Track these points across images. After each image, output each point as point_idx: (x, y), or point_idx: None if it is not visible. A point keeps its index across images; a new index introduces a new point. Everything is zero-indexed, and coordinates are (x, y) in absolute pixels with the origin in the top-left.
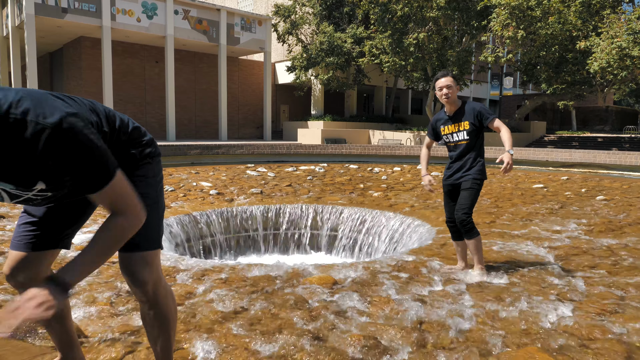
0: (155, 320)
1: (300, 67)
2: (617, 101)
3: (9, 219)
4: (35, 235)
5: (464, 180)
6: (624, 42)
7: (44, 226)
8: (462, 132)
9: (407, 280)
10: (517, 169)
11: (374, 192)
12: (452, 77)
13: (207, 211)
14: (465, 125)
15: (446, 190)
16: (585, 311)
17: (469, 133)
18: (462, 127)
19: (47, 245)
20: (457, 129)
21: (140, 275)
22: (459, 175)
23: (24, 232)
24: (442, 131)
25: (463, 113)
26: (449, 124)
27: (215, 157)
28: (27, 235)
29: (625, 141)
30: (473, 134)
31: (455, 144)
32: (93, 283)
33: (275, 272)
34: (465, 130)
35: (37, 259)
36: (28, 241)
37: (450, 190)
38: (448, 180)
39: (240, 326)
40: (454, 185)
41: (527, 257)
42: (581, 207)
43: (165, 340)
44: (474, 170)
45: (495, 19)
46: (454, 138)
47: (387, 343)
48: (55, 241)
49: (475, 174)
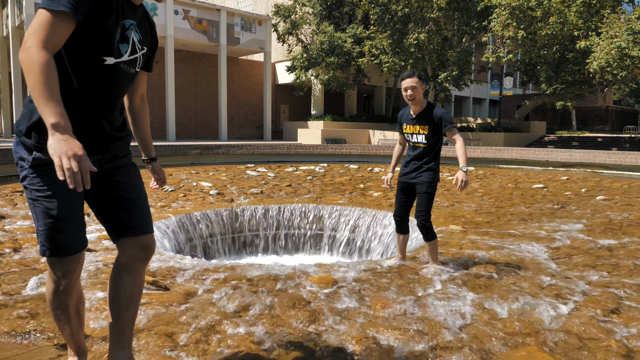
0: (140, 292)
1: (301, 67)
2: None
3: (9, 218)
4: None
5: (418, 184)
6: (623, 42)
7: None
8: (421, 135)
9: (406, 280)
10: (518, 169)
11: (374, 192)
12: (418, 78)
13: (207, 211)
14: (424, 130)
15: (400, 187)
16: (585, 311)
17: (427, 138)
18: (422, 130)
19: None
20: (418, 131)
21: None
22: (414, 175)
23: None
24: (404, 128)
25: (426, 117)
26: (411, 124)
27: (215, 157)
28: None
29: (625, 141)
30: (431, 139)
31: (414, 144)
32: (90, 284)
33: (275, 272)
34: (424, 134)
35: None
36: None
37: (404, 187)
38: (403, 178)
39: (241, 326)
40: (408, 184)
41: (527, 257)
42: (581, 207)
43: (135, 312)
44: (427, 175)
45: (495, 19)
46: (413, 139)
47: (386, 343)
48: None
49: (428, 178)
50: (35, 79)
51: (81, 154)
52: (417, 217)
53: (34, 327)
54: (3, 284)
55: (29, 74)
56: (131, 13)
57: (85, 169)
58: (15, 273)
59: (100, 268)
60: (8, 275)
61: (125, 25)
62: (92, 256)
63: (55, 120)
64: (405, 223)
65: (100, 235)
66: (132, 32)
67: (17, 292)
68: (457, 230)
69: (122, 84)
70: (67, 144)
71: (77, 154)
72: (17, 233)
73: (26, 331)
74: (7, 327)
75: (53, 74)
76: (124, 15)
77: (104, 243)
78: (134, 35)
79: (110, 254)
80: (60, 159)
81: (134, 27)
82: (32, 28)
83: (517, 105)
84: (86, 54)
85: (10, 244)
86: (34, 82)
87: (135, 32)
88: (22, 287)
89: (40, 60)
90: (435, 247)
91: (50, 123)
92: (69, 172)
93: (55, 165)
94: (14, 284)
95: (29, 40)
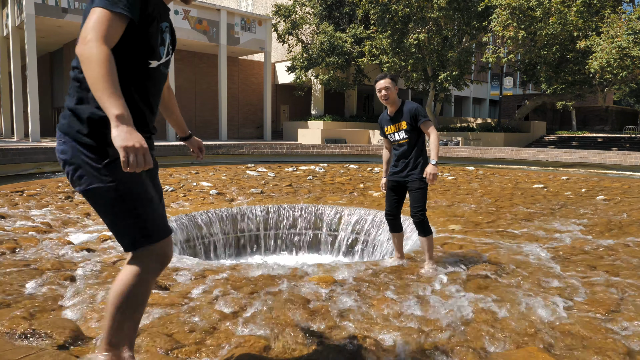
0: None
1: (301, 67)
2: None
3: (9, 218)
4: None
5: (410, 181)
6: (624, 41)
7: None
8: (401, 131)
9: (407, 280)
10: (518, 169)
11: (374, 192)
12: (391, 79)
13: (207, 211)
14: (403, 125)
15: (390, 186)
16: (585, 311)
17: (407, 132)
18: (401, 127)
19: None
20: (398, 129)
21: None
22: (405, 173)
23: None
24: (385, 131)
25: (402, 113)
26: (390, 124)
27: (215, 157)
28: None
29: (626, 141)
30: (412, 133)
31: (397, 143)
32: (91, 285)
33: (276, 272)
34: (404, 129)
35: None
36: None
37: (395, 186)
38: (393, 177)
39: (241, 326)
40: (399, 182)
41: (527, 257)
42: (581, 207)
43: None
44: (418, 171)
45: (495, 19)
46: (395, 137)
47: (387, 343)
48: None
49: (420, 175)
50: (99, 71)
51: (146, 146)
52: (413, 213)
53: (33, 327)
54: (3, 284)
55: (91, 67)
56: (165, 15)
57: (148, 162)
58: (15, 273)
59: (100, 268)
60: (8, 275)
61: (162, 28)
62: (92, 256)
63: (119, 112)
64: (398, 221)
65: (100, 235)
66: (167, 34)
67: (17, 292)
68: (457, 230)
69: (160, 85)
70: (133, 136)
71: (143, 145)
72: (16, 233)
73: (26, 332)
74: (6, 327)
75: (114, 67)
76: (161, 18)
77: (104, 244)
78: (168, 37)
79: (111, 254)
80: (127, 150)
81: (168, 30)
82: (90, 24)
83: (517, 105)
84: (133, 58)
85: (10, 244)
86: (97, 75)
87: (168, 34)
88: (22, 288)
89: (103, 53)
90: (431, 242)
91: (114, 114)
92: (134, 163)
93: (121, 156)
94: (13, 284)
95: (88, 34)
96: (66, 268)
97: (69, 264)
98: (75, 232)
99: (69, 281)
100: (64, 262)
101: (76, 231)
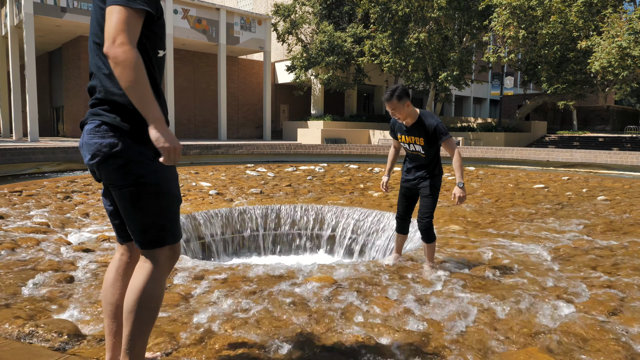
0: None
1: (300, 67)
2: (618, 101)
3: (9, 218)
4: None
5: (422, 187)
6: (624, 41)
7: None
8: (418, 145)
9: (407, 280)
10: (518, 169)
11: (374, 192)
12: (397, 98)
13: (207, 211)
14: (420, 141)
15: (402, 191)
16: (585, 311)
17: (424, 149)
18: (418, 141)
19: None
20: (414, 142)
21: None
22: (417, 182)
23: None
24: (399, 138)
25: (419, 128)
26: (406, 134)
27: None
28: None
29: (627, 141)
30: (429, 150)
31: (412, 153)
32: (90, 285)
33: (275, 272)
34: (421, 145)
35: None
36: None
37: (407, 192)
38: (406, 184)
39: (240, 326)
40: (411, 190)
41: (527, 257)
42: (582, 208)
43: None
44: (431, 181)
45: (496, 19)
46: (410, 147)
47: (387, 343)
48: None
49: (433, 181)
50: (135, 77)
51: (181, 146)
52: (420, 219)
53: (33, 327)
54: (1, 284)
55: (126, 72)
56: (162, 7)
57: (179, 159)
58: (13, 273)
59: (99, 268)
60: (7, 275)
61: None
62: (92, 256)
63: (158, 115)
64: (407, 224)
65: (100, 235)
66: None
67: (16, 293)
68: (458, 230)
69: (162, 74)
70: (172, 137)
71: (180, 146)
72: (16, 233)
73: (25, 332)
74: (5, 328)
75: (145, 70)
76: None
77: (103, 244)
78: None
79: (110, 254)
80: (168, 151)
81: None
82: (114, 24)
83: (518, 105)
84: (148, 50)
85: (8, 244)
86: (134, 80)
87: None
88: (21, 288)
89: (137, 58)
90: (434, 249)
91: (155, 116)
92: (172, 162)
93: (164, 155)
94: (12, 285)
95: (118, 36)
96: (65, 268)
97: (67, 264)
98: (74, 233)
99: (67, 282)
100: (63, 263)
101: (75, 231)
